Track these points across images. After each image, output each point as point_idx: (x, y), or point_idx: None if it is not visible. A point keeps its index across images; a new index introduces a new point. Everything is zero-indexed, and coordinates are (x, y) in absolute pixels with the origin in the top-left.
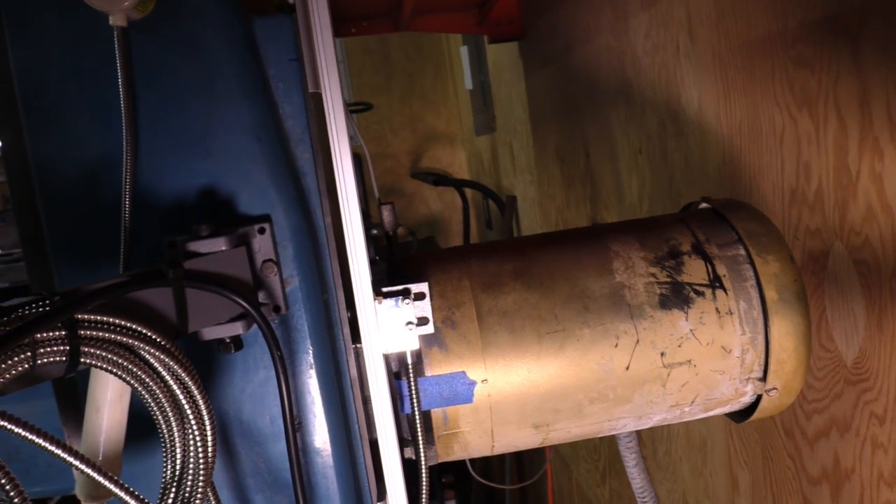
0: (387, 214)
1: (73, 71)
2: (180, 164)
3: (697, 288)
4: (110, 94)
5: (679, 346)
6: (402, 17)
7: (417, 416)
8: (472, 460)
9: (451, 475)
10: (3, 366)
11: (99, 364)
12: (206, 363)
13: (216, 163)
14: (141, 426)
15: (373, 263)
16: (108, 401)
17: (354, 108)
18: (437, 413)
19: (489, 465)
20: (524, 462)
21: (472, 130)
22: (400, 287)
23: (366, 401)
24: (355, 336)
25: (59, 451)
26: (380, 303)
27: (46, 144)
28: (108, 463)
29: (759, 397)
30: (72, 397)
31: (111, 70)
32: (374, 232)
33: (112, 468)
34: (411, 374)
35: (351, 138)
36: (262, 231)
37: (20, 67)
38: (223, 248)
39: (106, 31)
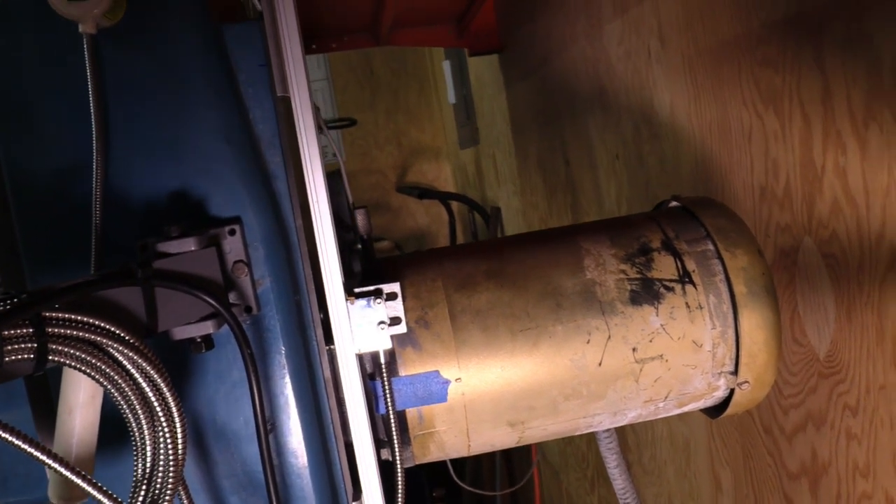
0: (360, 218)
1: (44, 74)
2: (151, 166)
3: (667, 283)
4: (81, 98)
5: (650, 342)
6: (382, 32)
7: (392, 417)
8: (463, 471)
9: (443, 489)
10: None
11: (67, 362)
12: (180, 365)
13: (187, 165)
14: (113, 431)
15: (354, 277)
16: (81, 403)
17: (338, 125)
18: (412, 413)
19: (479, 474)
20: (514, 469)
21: (456, 144)
22: (372, 287)
23: (340, 402)
24: (328, 337)
25: (31, 450)
26: (352, 303)
27: (17, 146)
28: (80, 464)
29: (731, 391)
30: (45, 403)
31: (81, 74)
32: (358, 246)
33: (85, 469)
34: (385, 374)
35: (334, 155)
36: (232, 232)
37: None
38: (193, 248)
39: (76, 35)
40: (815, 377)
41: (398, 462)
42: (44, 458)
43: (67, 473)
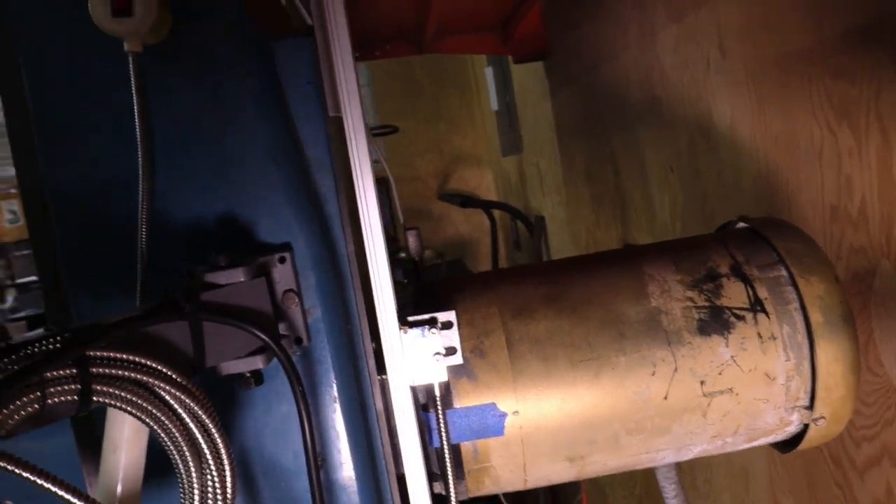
0: (412, 240)
1: (88, 94)
2: (198, 190)
3: (738, 312)
4: (125, 119)
5: (720, 374)
6: (425, 40)
7: (446, 451)
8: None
9: None
10: (12, 406)
11: (112, 402)
12: (227, 396)
13: (234, 189)
14: (161, 465)
15: (399, 285)
16: (126, 439)
17: (380, 132)
18: (466, 447)
19: (521, 495)
20: (557, 492)
21: (498, 151)
22: (426, 316)
23: (392, 433)
24: (381, 367)
25: (66, 495)
26: (405, 332)
27: (61, 169)
28: None
29: (805, 426)
30: (90, 433)
31: (126, 93)
32: (403, 255)
33: None
34: (439, 407)
35: (376, 162)
36: (282, 260)
37: (35, 90)
38: (242, 279)
39: (120, 53)
40: (892, 409)
41: (453, 498)
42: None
43: None
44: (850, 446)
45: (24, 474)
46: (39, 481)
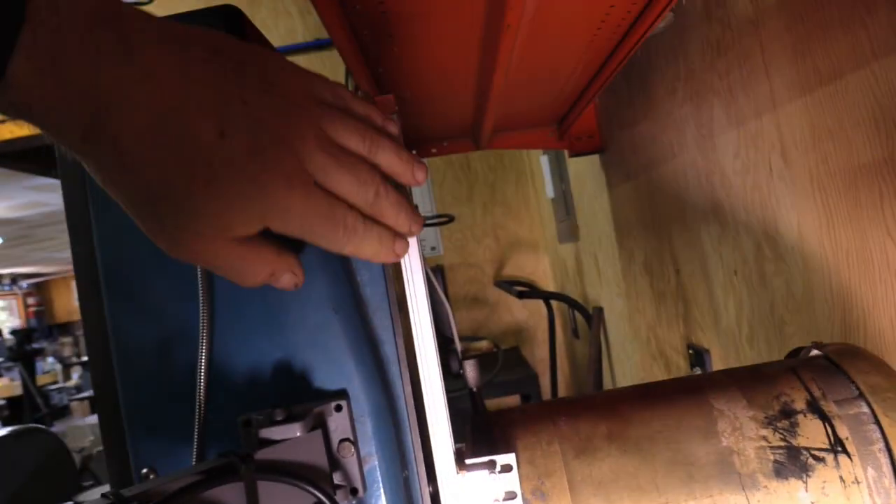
0: (470, 370)
1: (155, 250)
2: (255, 338)
3: (816, 453)
4: (190, 273)
5: None
6: (483, 136)
7: None
8: None
9: None
10: None
11: None
12: None
13: (292, 336)
14: None
15: (454, 375)
16: None
17: (436, 222)
18: None
19: None
20: None
21: (555, 238)
22: (485, 459)
23: None
24: None
25: None
26: (463, 476)
27: (125, 321)
28: None
29: None
30: None
31: None
32: (456, 347)
33: None
34: None
35: (433, 249)
36: (338, 408)
37: (104, 246)
38: (298, 434)
39: None
40: None
41: None
42: None
43: None
44: None
45: None
46: None
